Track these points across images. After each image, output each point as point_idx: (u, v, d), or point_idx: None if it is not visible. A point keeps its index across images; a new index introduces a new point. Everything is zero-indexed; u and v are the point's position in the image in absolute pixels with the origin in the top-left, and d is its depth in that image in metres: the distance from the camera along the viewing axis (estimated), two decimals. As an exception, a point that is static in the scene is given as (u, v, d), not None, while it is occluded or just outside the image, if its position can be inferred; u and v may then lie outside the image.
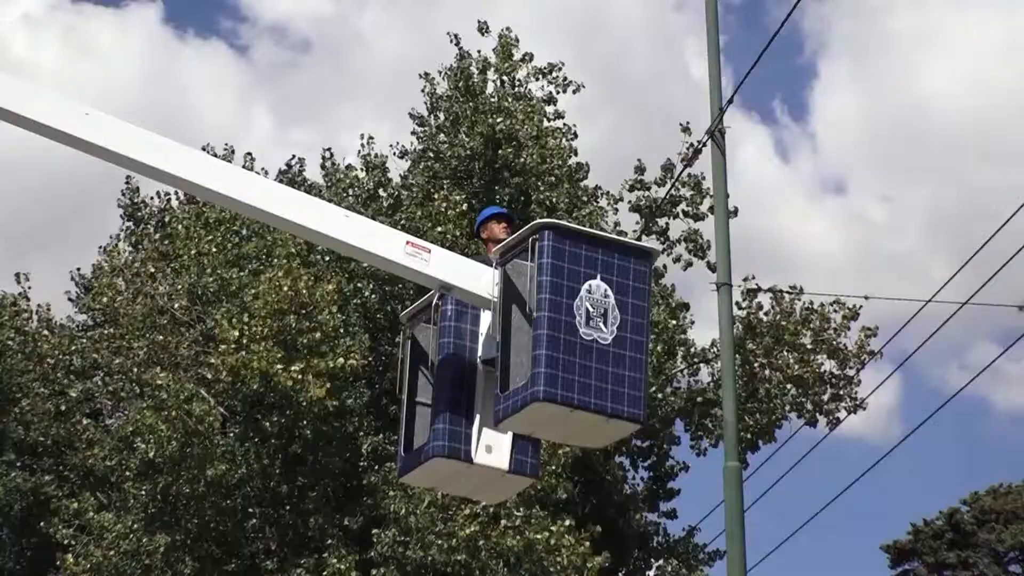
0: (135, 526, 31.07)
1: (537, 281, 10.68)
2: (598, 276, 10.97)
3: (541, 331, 10.49)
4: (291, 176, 35.47)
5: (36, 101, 11.39)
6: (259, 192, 11.92)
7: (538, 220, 11.70)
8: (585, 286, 10.84)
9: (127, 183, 37.92)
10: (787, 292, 33.98)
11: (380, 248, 11.80)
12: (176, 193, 37.11)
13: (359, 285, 31.81)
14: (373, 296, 31.78)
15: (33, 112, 11.20)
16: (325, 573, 30.50)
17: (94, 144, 11.30)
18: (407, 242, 11.87)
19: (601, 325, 10.79)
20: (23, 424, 34.56)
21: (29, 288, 36.95)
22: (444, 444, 11.27)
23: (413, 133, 34.76)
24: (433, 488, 15.59)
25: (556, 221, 11.50)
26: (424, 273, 11.64)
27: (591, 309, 10.81)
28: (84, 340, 35.09)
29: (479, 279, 11.46)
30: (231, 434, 30.94)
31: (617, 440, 15.67)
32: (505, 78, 33.83)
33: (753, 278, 33.54)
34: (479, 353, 11.63)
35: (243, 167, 34.23)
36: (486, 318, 11.55)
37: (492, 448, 11.41)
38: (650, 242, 30.84)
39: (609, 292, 10.93)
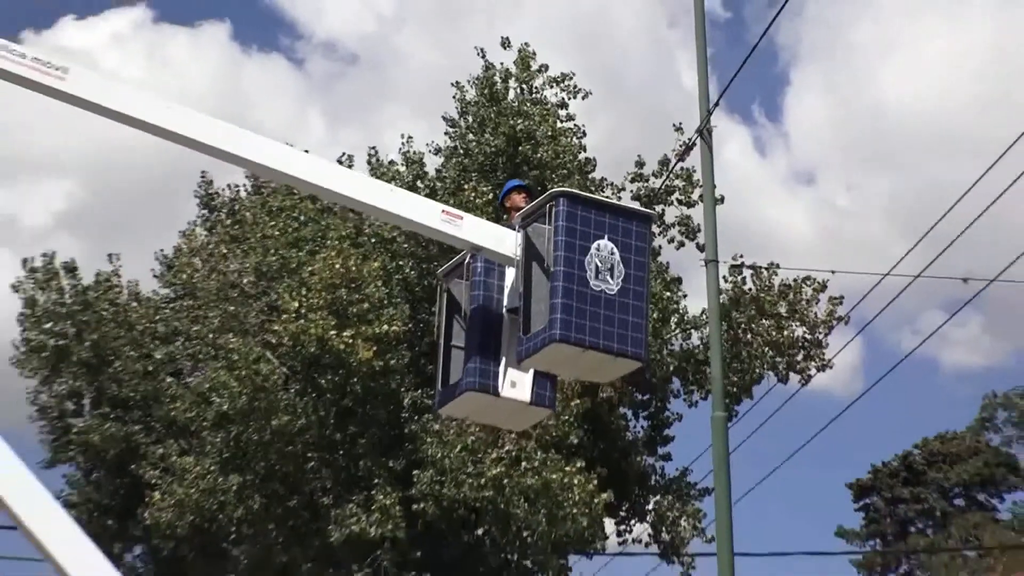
0: (211, 468, 31.43)
1: (554, 241, 11.09)
2: (605, 236, 11.27)
3: (557, 283, 10.92)
4: (342, 171, 35.49)
5: (136, 99, 12.14)
6: (321, 172, 12.52)
7: (555, 188, 12.24)
8: (594, 245, 11.14)
9: (202, 177, 37.99)
10: (766, 268, 34.11)
11: (420, 216, 12.19)
12: (244, 185, 37.30)
13: (400, 263, 31.98)
14: (412, 272, 31.91)
15: (139, 111, 12.03)
16: (373, 507, 30.68)
17: (186, 136, 11.95)
18: (442, 211, 12.27)
19: (608, 278, 11.17)
20: (116, 382, 34.83)
21: (120, 267, 37.14)
22: (475, 380, 11.77)
23: (446, 133, 34.72)
24: (466, 418, 15.53)
25: (570, 189, 11.95)
26: (457, 236, 12.01)
27: (599, 264, 11.14)
28: (167, 310, 35.37)
29: (504, 241, 11.84)
30: (292, 390, 31.13)
31: (623, 375, 15.20)
32: (524, 86, 33.74)
33: (741, 256, 33.81)
34: (505, 303, 12.07)
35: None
36: (510, 274, 11.92)
37: (516, 383, 11.81)
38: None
39: (615, 250, 11.26)
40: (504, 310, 11.99)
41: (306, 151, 35.29)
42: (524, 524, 31.19)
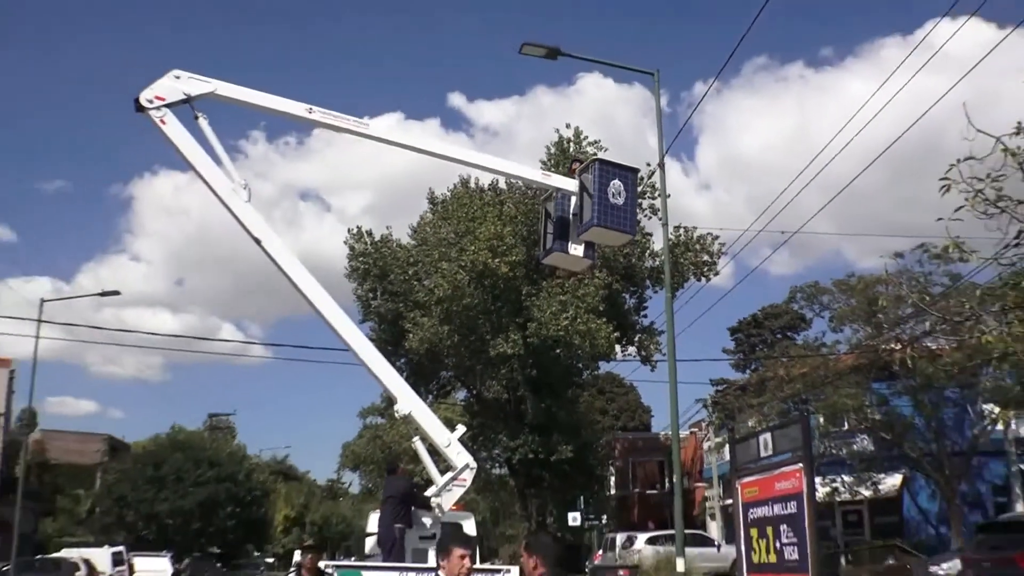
0: (435, 322, 31.83)
1: (593, 181, 11.92)
2: (617, 178, 12.00)
3: (594, 200, 11.75)
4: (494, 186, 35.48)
5: (416, 137, 13.13)
6: (491, 159, 13.62)
7: (593, 157, 13.03)
8: (612, 182, 11.92)
9: (430, 190, 36.90)
10: (689, 228, 34.36)
11: (532, 175, 13.63)
12: (447, 192, 35.96)
13: (521, 227, 31.86)
14: (526, 230, 31.67)
15: (417, 142, 13.23)
16: (509, 339, 31.36)
17: (426, 149, 13.04)
18: (542, 172, 13.69)
19: (618, 196, 11.85)
20: (391, 283, 34.70)
21: (391, 231, 36.83)
22: (558, 246, 12.56)
23: (541, 170, 34.33)
24: (553, 265, 14.81)
25: (601, 157, 12.58)
26: (549, 183, 13.02)
27: (614, 191, 11.83)
28: (413, 252, 35.01)
29: (570, 183, 12.65)
30: (472, 286, 31.28)
31: (625, 242, 16.01)
32: (576, 145, 33.14)
33: (679, 224, 34.05)
34: (571, 211, 12.50)
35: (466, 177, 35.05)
36: (574, 198, 12.48)
37: (576, 248, 12.48)
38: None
39: (621, 185, 11.97)
40: (571, 215, 12.44)
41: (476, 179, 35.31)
42: (578, 347, 31.68)
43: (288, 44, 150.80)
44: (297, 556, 10.00)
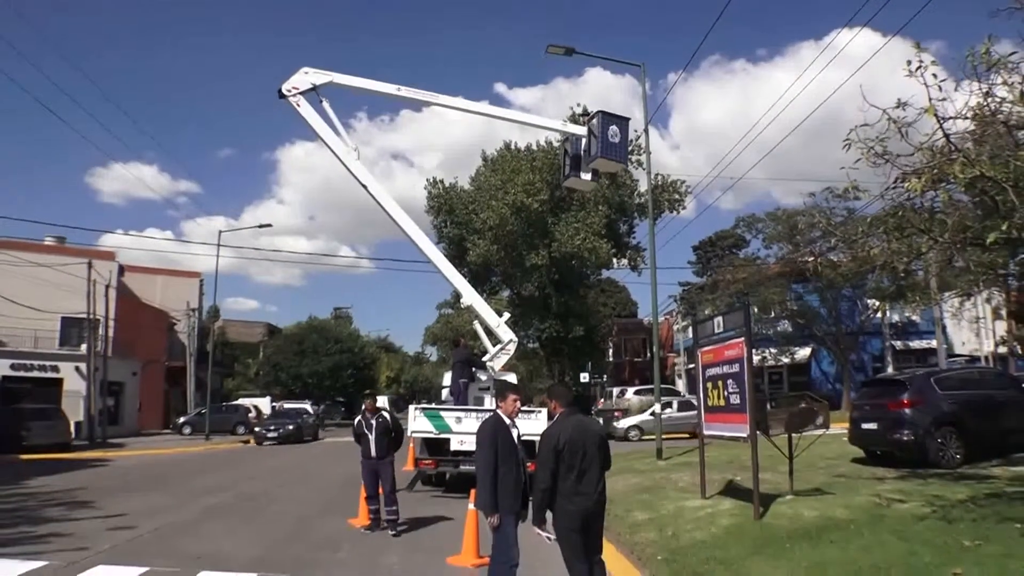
0: (488, 244, 31.11)
1: (598, 126, 11.43)
2: (615, 125, 11.45)
3: (598, 140, 11.24)
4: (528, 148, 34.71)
5: (450, 101, 12.49)
6: (521, 114, 13.29)
7: (598, 109, 12.25)
8: (611, 127, 11.40)
9: (482, 150, 36.76)
10: (665, 176, 33.58)
11: (554, 124, 12.72)
12: (494, 153, 34.60)
13: (546, 175, 30.87)
14: (549, 178, 30.81)
15: (458, 104, 12.55)
16: (538, 256, 30.72)
17: (470, 109, 12.59)
18: (562, 122, 12.80)
19: (615, 137, 11.32)
20: (457, 216, 33.57)
21: (458, 180, 35.07)
22: (574, 174, 12.02)
23: (561, 121, 33.32)
24: (571, 188, 13.32)
25: (604, 110, 12.14)
26: (567, 130, 12.36)
27: (612, 133, 11.36)
28: (472, 194, 33.72)
29: (581, 129, 12.03)
30: (512, 218, 30.43)
31: (620, 169, 14.94)
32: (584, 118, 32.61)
33: (660, 174, 33.41)
34: (582, 148, 11.98)
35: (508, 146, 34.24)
36: (584, 140, 11.92)
37: (586, 175, 12.03)
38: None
39: (618, 129, 11.42)
40: (582, 152, 12.04)
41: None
42: (587, 260, 31.22)
43: (383, 50, 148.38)
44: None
